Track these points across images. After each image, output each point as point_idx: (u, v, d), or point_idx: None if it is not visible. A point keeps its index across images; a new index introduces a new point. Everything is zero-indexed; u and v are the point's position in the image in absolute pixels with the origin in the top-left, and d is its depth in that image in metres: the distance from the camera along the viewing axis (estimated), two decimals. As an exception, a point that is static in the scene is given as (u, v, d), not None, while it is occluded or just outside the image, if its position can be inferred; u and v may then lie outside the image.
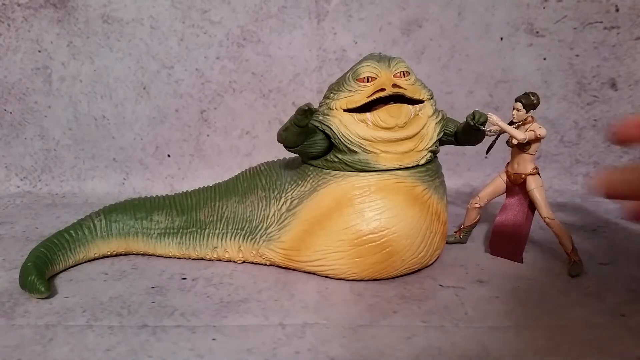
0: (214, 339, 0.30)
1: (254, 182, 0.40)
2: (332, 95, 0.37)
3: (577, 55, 0.56)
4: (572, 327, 0.31)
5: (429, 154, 0.37)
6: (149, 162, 0.60)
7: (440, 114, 0.37)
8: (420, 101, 0.36)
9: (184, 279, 0.38)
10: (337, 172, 0.36)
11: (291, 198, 0.37)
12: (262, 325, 0.32)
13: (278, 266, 0.39)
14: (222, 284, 0.37)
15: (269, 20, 0.56)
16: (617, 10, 0.54)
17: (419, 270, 0.38)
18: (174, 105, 0.59)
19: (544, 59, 0.56)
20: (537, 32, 0.55)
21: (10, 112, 0.60)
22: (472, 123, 0.35)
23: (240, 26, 0.56)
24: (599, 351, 0.29)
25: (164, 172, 0.60)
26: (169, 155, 0.60)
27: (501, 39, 0.56)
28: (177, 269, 0.39)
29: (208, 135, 0.59)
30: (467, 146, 0.39)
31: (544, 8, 0.55)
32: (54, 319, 0.33)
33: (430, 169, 0.37)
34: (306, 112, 0.33)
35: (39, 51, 0.58)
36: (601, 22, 0.55)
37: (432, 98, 0.37)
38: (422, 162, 0.36)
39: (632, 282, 0.36)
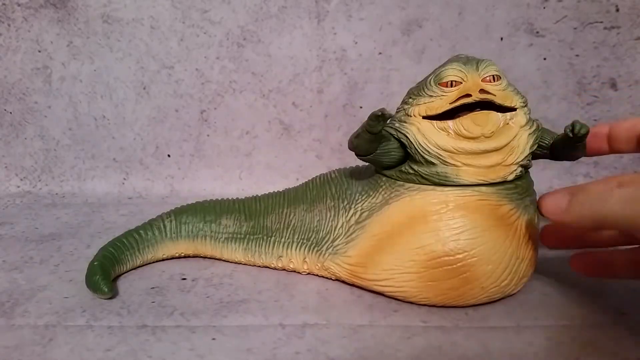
0: (214, 339, 0.30)
1: (323, 190, 0.38)
2: (410, 100, 0.33)
3: (577, 55, 0.56)
4: (572, 327, 0.31)
5: (519, 168, 0.32)
6: (149, 162, 0.60)
7: (535, 123, 0.33)
8: (512, 109, 0.32)
9: (184, 279, 0.38)
10: (411, 184, 0.33)
11: (361, 210, 0.35)
12: (262, 326, 0.32)
13: (344, 282, 0.37)
14: (222, 284, 0.37)
15: (269, 20, 0.56)
16: (617, 10, 0.54)
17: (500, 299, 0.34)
18: (174, 105, 0.59)
19: (544, 59, 0.56)
20: (537, 32, 0.55)
21: (10, 112, 0.60)
22: (571, 135, 0.30)
23: (240, 26, 0.56)
24: (599, 351, 0.29)
25: (164, 172, 0.60)
26: (169, 155, 0.60)
27: (501, 39, 0.56)
28: (177, 269, 0.39)
29: (208, 135, 0.59)
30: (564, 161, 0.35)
31: (544, 8, 0.55)
32: (53, 319, 0.33)
33: (520, 185, 0.33)
34: (379, 118, 0.30)
35: (39, 51, 0.58)
36: (601, 22, 0.55)
37: (525, 105, 0.33)
38: (510, 177, 0.32)
39: (632, 281, 0.36)
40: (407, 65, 0.56)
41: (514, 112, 0.32)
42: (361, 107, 0.57)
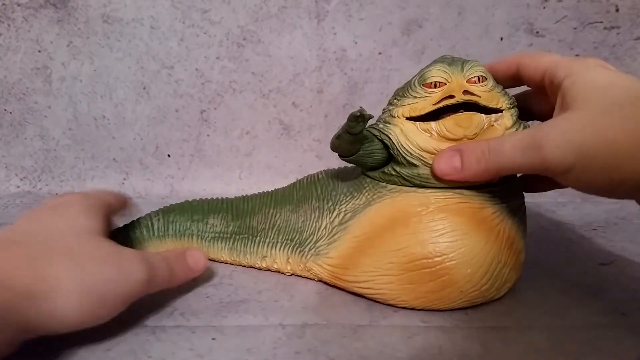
0: (213, 339, 0.30)
1: (309, 191, 0.38)
2: (395, 101, 0.33)
3: (577, 55, 0.56)
4: (572, 327, 0.31)
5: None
6: (149, 162, 0.60)
7: (523, 125, 0.32)
8: (498, 110, 0.31)
9: (184, 279, 0.38)
10: (393, 186, 0.33)
11: (345, 211, 0.35)
12: (262, 326, 0.32)
13: (325, 283, 0.36)
14: (222, 284, 0.37)
15: (269, 20, 0.56)
16: (617, 10, 0.54)
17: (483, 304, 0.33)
18: (174, 105, 0.59)
19: (544, 59, 0.56)
20: (537, 32, 0.55)
21: (10, 112, 0.60)
22: None
23: (240, 26, 0.56)
24: (599, 351, 0.29)
25: (164, 172, 0.60)
26: (169, 155, 0.60)
27: (501, 39, 0.56)
28: (177, 269, 0.39)
29: (208, 135, 0.59)
30: None
31: (544, 8, 0.55)
32: (53, 319, 0.33)
33: (505, 188, 0.32)
34: (358, 119, 0.29)
35: (39, 51, 0.58)
36: (601, 22, 0.55)
37: (513, 107, 0.32)
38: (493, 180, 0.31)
39: (632, 282, 0.36)
40: (407, 65, 0.56)
41: (499, 114, 0.31)
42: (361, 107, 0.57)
